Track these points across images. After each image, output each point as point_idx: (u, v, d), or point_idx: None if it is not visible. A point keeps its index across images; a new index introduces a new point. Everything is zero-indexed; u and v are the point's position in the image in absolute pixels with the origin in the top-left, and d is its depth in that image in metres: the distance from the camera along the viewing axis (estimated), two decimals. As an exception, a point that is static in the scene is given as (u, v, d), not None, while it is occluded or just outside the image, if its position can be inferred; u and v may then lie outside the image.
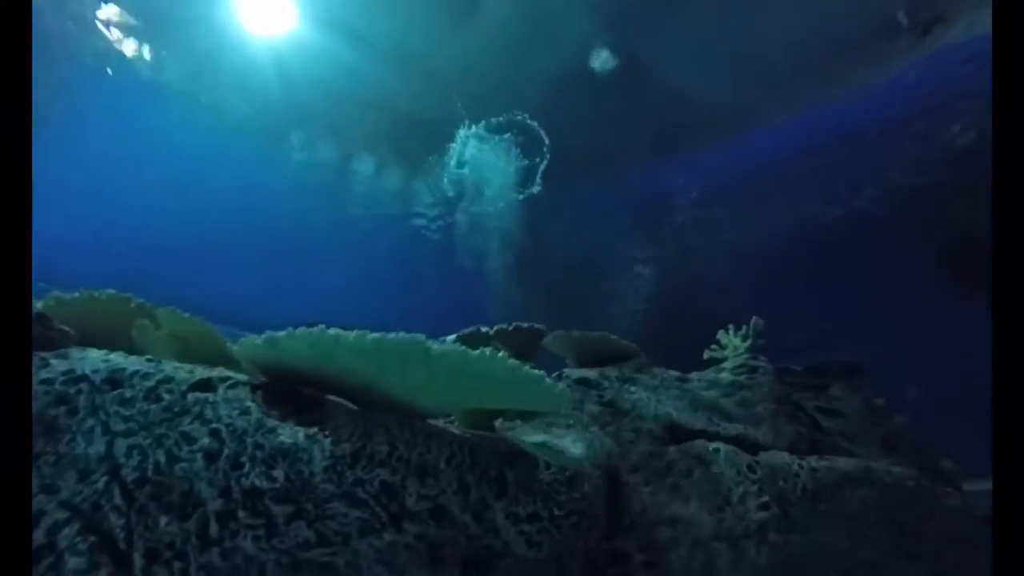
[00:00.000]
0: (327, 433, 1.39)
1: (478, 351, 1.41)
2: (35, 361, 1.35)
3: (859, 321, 11.18)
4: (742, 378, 3.82)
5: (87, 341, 1.61)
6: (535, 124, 9.61)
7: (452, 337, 5.37)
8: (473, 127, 10.53)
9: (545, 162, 10.31)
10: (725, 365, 4.00)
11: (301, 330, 1.41)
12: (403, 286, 14.66)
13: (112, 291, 1.86)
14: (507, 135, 10.10)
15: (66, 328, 1.55)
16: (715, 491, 2.70)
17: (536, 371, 1.50)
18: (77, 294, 1.81)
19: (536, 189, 10.80)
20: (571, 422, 2.69)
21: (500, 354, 1.43)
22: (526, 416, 2.30)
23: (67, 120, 10.33)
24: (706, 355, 4.28)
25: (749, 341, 4.06)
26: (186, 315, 1.71)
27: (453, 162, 11.45)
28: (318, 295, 15.13)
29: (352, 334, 1.36)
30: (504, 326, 3.19)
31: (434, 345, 1.38)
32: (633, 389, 3.41)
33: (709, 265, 11.29)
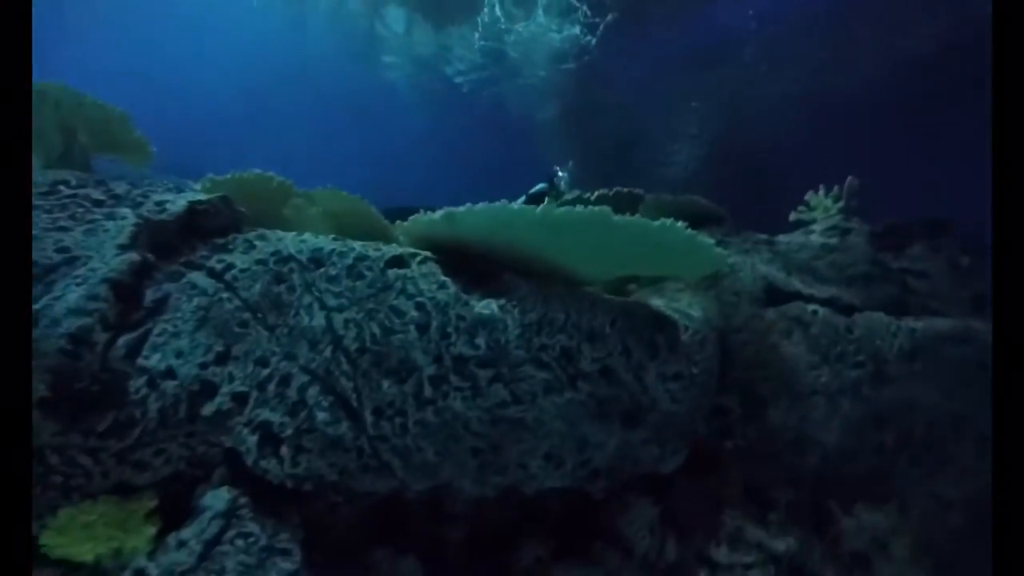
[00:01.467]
0: (514, 303, 1.46)
1: (658, 221, 1.42)
2: (239, 242, 1.41)
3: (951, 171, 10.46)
4: (833, 240, 3.76)
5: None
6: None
7: (521, 200, 5.35)
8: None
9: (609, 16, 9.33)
10: (815, 227, 3.91)
11: (481, 205, 1.42)
12: (445, 144, 14.34)
13: (258, 171, 1.88)
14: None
15: (243, 209, 1.60)
16: (813, 350, 2.78)
17: (708, 238, 1.51)
18: (229, 175, 1.83)
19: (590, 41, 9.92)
20: (681, 286, 2.73)
21: (679, 224, 1.43)
22: (648, 281, 2.35)
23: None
24: (793, 217, 4.17)
25: (842, 202, 3.92)
26: (343, 193, 1.74)
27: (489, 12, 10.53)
28: (361, 158, 15.02)
29: (537, 208, 1.37)
30: (605, 191, 3.14)
31: (616, 217, 1.38)
32: (727, 253, 3.41)
33: (771, 114, 10.54)
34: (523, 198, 5.33)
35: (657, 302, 2.43)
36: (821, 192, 4.17)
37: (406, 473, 1.43)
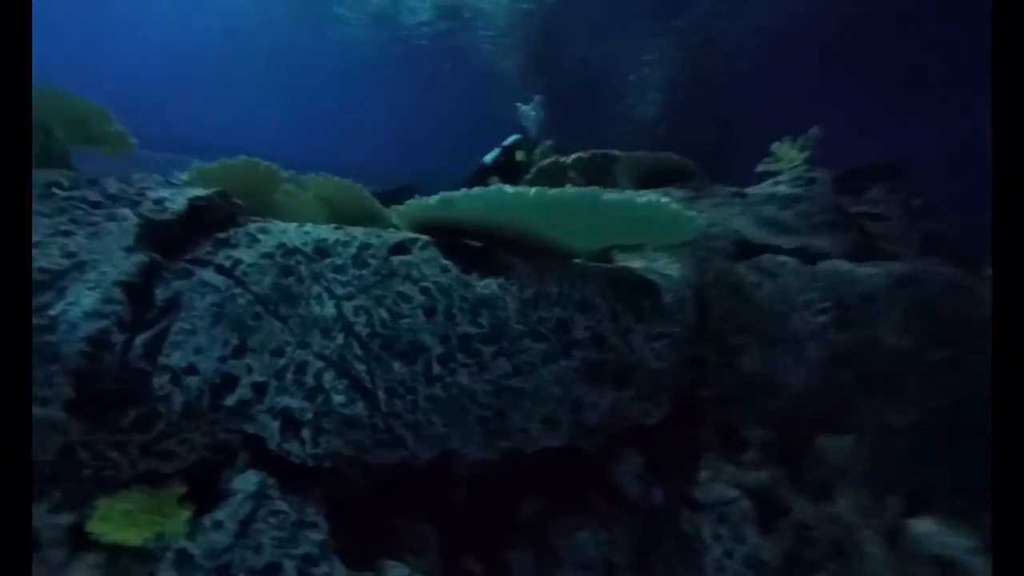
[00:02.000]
0: (512, 281, 1.54)
1: (644, 199, 1.50)
2: (242, 236, 1.45)
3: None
4: (800, 190, 3.91)
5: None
6: None
7: (493, 153, 5.30)
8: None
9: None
10: (782, 178, 4.05)
11: (477, 189, 1.49)
12: (407, 99, 13.96)
13: (244, 157, 1.89)
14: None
15: (239, 201, 1.62)
16: (782, 300, 2.94)
17: (690, 211, 1.60)
18: (216, 163, 1.84)
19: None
20: (658, 246, 2.84)
21: (663, 200, 1.52)
22: (629, 245, 2.45)
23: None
24: (760, 168, 4.28)
25: (807, 152, 4.05)
26: (336, 178, 1.77)
27: None
28: (319, 116, 14.56)
29: (532, 191, 1.44)
30: (582, 154, 3.20)
31: (605, 195, 1.46)
32: (701, 208, 3.52)
33: (740, 53, 10.47)
34: (496, 151, 5.27)
35: (637, 264, 2.54)
36: (787, 142, 4.28)
37: (417, 445, 1.53)
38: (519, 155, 4.97)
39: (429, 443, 1.54)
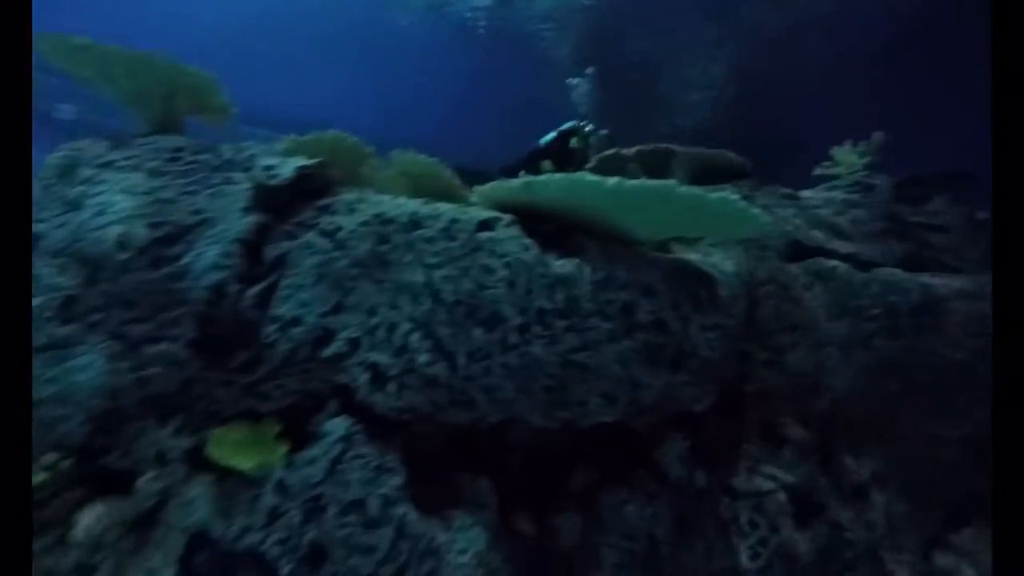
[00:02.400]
0: (586, 263, 1.65)
1: (716, 194, 1.58)
2: (341, 205, 1.59)
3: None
4: (856, 196, 3.88)
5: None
6: None
7: (549, 136, 5.37)
8: None
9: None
10: (839, 183, 4.03)
11: (559, 176, 1.59)
12: (463, 86, 14.08)
13: (335, 131, 2.03)
14: None
15: (335, 173, 1.77)
16: (832, 303, 2.97)
17: (757, 208, 1.67)
18: (309, 136, 1.98)
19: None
20: (713, 242, 2.90)
21: (733, 196, 1.60)
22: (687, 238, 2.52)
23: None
24: (817, 171, 4.25)
25: (868, 158, 4.01)
26: (420, 155, 1.89)
27: None
28: (378, 101, 14.79)
29: (611, 180, 1.54)
30: (643, 147, 3.26)
31: (679, 189, 1.54)
32: (771, 220, 3.52)
33: (796, 51, 10.19)
34: (552, 135, 5.34)
35: (693, 257, 2.61)
36: (847, 146, 4.23)
37: (488, 407, 1.66)
38: (573, 141, 5.03)
39: (498, 407, 1.67)
